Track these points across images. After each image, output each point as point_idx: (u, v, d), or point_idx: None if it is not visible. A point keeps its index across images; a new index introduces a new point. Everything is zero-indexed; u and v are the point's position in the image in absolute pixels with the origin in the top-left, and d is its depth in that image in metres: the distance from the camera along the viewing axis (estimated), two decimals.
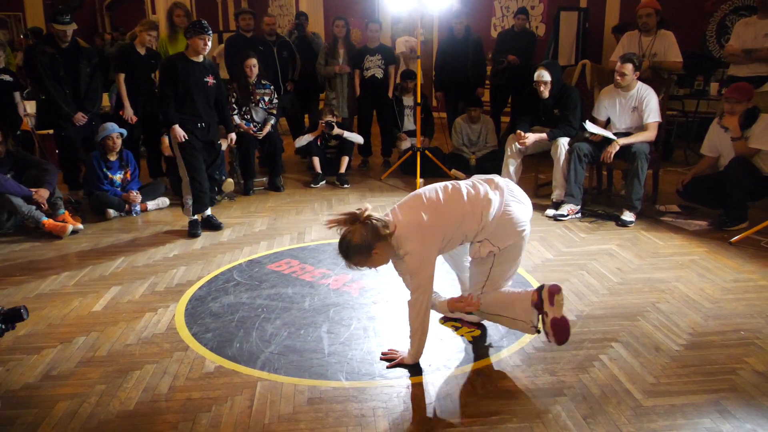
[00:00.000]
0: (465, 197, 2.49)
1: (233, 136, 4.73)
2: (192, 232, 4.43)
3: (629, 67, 4.55)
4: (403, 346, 2.64)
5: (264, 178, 5.98)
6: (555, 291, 2.41)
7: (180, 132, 4.20)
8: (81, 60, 5.14)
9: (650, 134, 4.60)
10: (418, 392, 2.37)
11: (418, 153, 5.69)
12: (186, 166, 4.33)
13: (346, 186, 5.85)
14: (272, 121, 5.83)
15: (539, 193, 5.40)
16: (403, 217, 2.44)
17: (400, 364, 2.56)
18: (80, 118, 5.15)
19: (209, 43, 4.17)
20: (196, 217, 4.48)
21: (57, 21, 4.94)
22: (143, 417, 2.25)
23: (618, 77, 4.58)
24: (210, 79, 4.32)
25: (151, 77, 5.73)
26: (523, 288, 2.64)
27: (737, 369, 2.49)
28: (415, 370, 2.53)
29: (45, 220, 4.44)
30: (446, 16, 7.19)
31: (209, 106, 4.38)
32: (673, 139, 6.97)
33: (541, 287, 2.45)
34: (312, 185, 5.90)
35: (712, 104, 6.48)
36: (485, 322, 2.92)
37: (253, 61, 5.65)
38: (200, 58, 4.26)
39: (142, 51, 5.51)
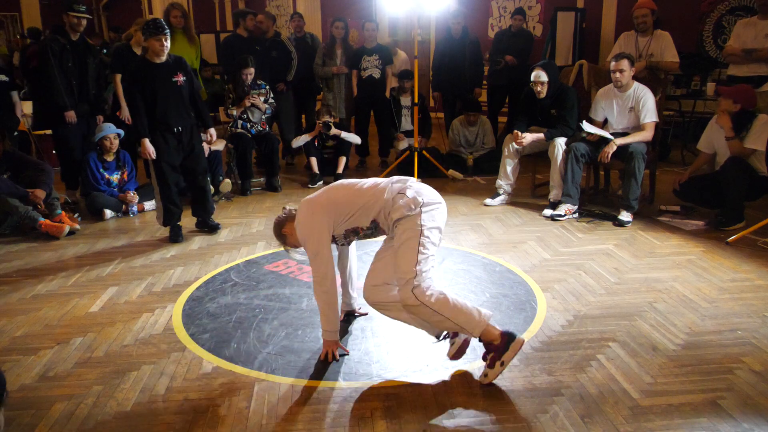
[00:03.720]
0: (364, 185, 2.59)
1: (213, 131, 4.47)
2: (173, 238, 4.32)
3: (625, 62, 4.54)
4: (401, 348, 2.63)
5: (261, 179, 5.98)
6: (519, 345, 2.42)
7: (150, 149, 4.02)
8: (89, 55, 5.10)
9: (647, 134, 4.61)
10: (415, 392, 2.37)
11: (416, 153, 5.69)
12: (156, 177, 4.18)
13: None
14: (269, 113, 5.91)
15: (536, 193, 5.41)
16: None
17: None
18: (99, 119, 5.22)
19: (167, 43, 3.98)
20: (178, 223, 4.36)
21: (73, 9, 4.85)
22: (140, 418, 2.25)
23: (617, 74, 4.57)
24: (179, 78, 4.08)
25: None
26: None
27: (734, 368, 2.50)
28: (413, 368, 2.54)
29: (42, 220, 4.44)
30: (444, 16, 7.20)
31: (184, 107, 4.15)
32: (670, 139, 6.99)
33: (513, 336, 2.40)
34: (309, 185, 5.90)
35: (709, 104, 6.50)
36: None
37: (251, 70, 5.72)
38: (163, 59, 4.03)
39: (138, 51, 5.50)
